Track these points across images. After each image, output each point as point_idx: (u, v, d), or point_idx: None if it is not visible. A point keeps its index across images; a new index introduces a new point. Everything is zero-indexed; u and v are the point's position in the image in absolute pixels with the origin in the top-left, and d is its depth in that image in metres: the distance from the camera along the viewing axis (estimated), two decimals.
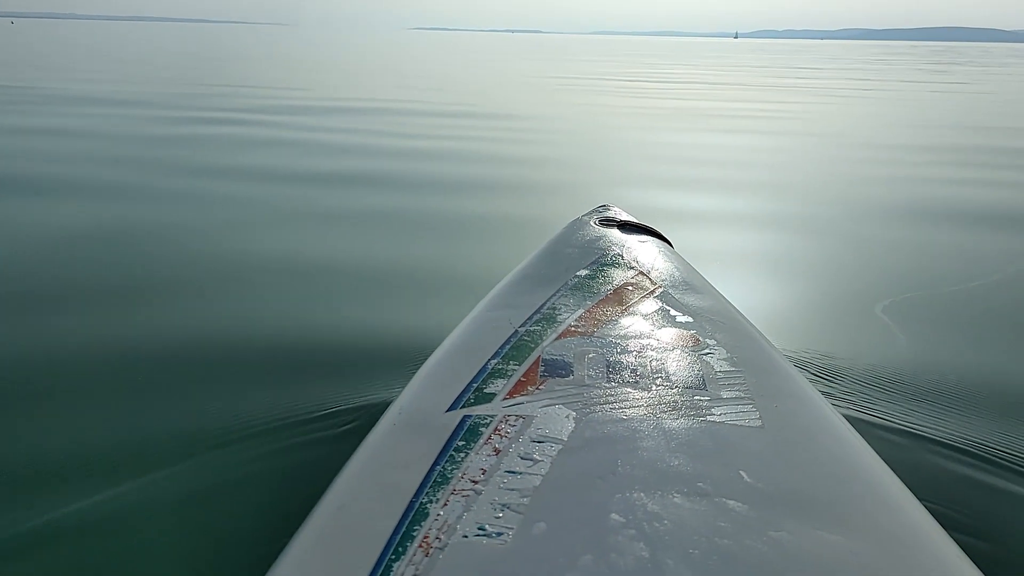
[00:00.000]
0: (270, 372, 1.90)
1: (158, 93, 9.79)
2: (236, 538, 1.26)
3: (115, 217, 3.56)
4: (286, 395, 1.73)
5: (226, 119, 7.18)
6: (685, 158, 5.69)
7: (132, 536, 1.29)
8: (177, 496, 1.37)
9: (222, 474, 1.43)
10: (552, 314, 1.33)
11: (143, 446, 1.54)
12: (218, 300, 2.50)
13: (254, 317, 2.33)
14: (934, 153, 6.22)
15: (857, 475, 0.94)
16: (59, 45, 25.64)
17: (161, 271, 2.78)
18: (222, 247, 3.11)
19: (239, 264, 2.89)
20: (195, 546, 1.26)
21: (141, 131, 6.34)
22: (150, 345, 2.08)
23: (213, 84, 11.41)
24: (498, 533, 0.76)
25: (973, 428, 1.65)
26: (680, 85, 13.98)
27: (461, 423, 0.97)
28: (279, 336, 2.16)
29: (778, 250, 3.29)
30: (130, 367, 1.95)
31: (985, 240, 3.46)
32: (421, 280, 2.73)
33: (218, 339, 2.12)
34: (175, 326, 2.23)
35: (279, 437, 1.54)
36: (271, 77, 13.39)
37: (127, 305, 2.41)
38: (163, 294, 2.53)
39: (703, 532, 0.76)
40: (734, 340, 1.27)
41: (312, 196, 4.13)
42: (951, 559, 0.80)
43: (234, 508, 1.34)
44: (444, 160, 5.32)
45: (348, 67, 17.55)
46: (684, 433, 0.95)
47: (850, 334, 2.28)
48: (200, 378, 1.87)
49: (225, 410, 1.67)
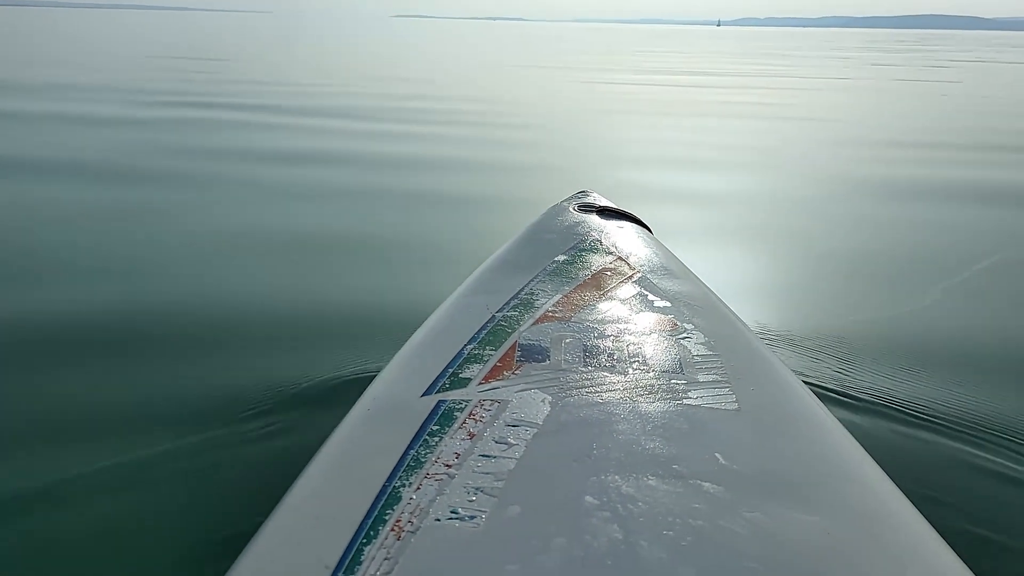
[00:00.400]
0: (241, 357, 1.89)
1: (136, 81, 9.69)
2: (207, 522, 1.26)
3: (103, 196, 3.57)
4: (259, 379, 1.72)
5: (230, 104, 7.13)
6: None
7: (95, 514, 1.29)
8: (147, 479, 1.37)
9: (194, 458, 1.42)
10: (530, 299, 1.33)
11: (112, 429, 1.54)
12: (193, 279, 2.50)
13: (230, 299, 2.33)
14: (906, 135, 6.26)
15: (832, 457, 0.94)
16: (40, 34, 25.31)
17: (138, 250, 2.78)
18: (205, 225, 3.11)
19: (218, 242, 2.91)
20: (166, 529, 1.25)
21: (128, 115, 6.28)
22: (120, 325, 2.08)
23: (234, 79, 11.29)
24: (471, 516, 0.75)
25: (949, 407, 1.66)
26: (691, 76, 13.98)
27: (436, 408, 0.96)
28: (254, 320, 2.15)
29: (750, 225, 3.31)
30: (96, 344, 1.95)
31: (964, 217, 3.51)
32: (399, 265, 2.73)
33: (194, 321, 2.12)
34: (151, 305, 2.23)
35: (253, 421, 1.54)
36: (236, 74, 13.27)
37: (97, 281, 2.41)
38: (133, 273, 2.53)
39: (677, 514, 0.75)
40: (711, 324, 1.27)
41: (290, 177, 4.14)
42: (924, 539, 0.80)
43: (206, 492, 1.34)
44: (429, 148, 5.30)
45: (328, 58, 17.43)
46: (660, 416, 0.95)
47: (830, 313, 2.29)
48: (172, 363, 1.86)
49: (197, 395, 1.66)
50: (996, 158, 5.34)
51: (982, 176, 4.68)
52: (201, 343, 2.00)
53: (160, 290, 2.41)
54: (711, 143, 5.81)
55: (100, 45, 18.86)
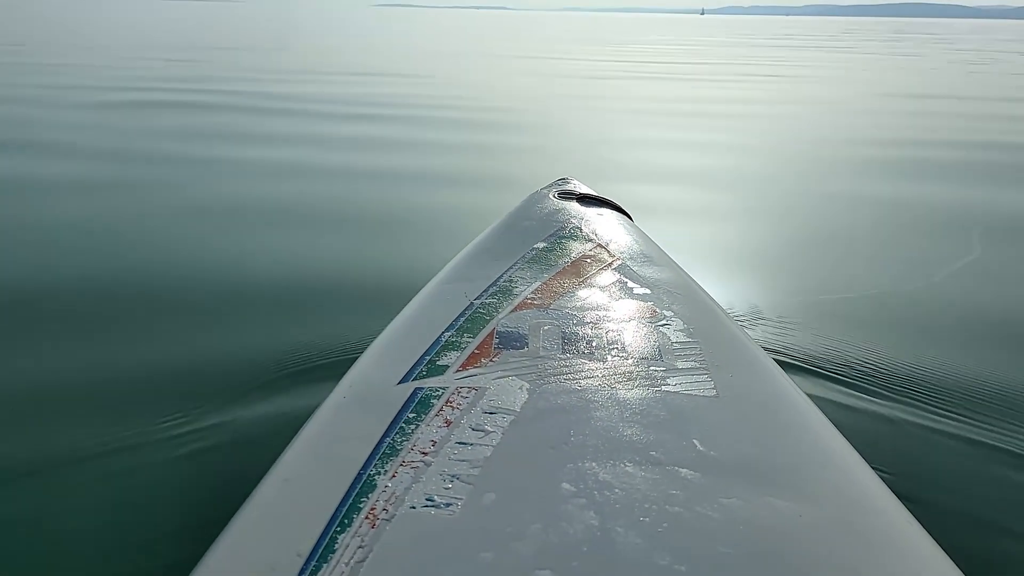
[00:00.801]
0: (216, 341, 1.87)
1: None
2: (179, 509, 1.25)
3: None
4: (235, 366, 1.71)
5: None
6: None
7: (60, 498, 1.28)
8: (118, 464, 1.35)
9: (166, 444, 1.41)
10: (508, 287, 1.32)
11: (83, 409, 1.54)
12: (173, 259, 2.48)
13: (208, 278, 2.32)
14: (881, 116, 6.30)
15: (810, 443, 0.94)
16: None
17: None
18: (185, 202, 3.09)
19: (198, 222, 2.91)
20: (137, 515, 1.24)
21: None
22: (99, 299, 2.08)
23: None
24: (447, 504, 0.75)
25: (928, 389, 1.67)
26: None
27: (412, 395, 0.95)
28: (229, 303, 2.14)
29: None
30: (71, 320, 1.95)
31: (939, 203, 3.55)
32: (376, 252, 2.71)
33: (167, 302, 2.11)
34: (128, 281, 2.22)
35: (228, 407, 1.52)
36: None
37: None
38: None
39: (654, 500, 0.75)
40: (691, 312, 1.27)
41: (267, 162, 4.13)
42: (900, 523, 0.80)
43: (178, 479, 1.32)
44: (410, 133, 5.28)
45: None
46: (638, 403, 0.95)
47: (805, 303, 2.30)
48: (146, 348, 1.84)
49: (175, 378, 1.64)
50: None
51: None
52: (172, 325, 1.99)
53: (136, 267, 2.40)
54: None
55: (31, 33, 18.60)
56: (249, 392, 1.59)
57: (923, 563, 0.74)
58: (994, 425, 1.55)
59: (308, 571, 0.67)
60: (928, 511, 1.23)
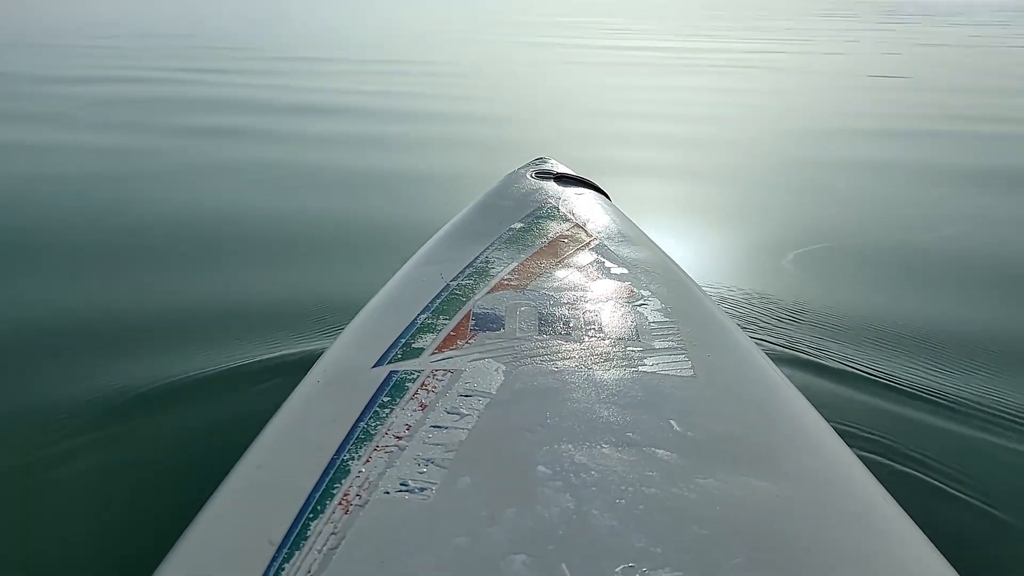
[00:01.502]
0: (192, 327, 1.85)
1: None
2: (150, 495, 1.23)
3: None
4: (208, 351, 1.69)
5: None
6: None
7: (37, 484, 1.27)
8: (93, 451, 1.34)
9: (142, 430, 1.39)
10: (485, 268, 1.31)
11: (57, 402, 1.51)
12: (143, 256, 2.45)
13: (178, 273, 2.28)
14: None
15: (787, 422, 0.94)
16: None
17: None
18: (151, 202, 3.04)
19: (160, 219, 2.85)
20: (108, 500, 1.23)
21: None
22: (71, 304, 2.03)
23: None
24: (421, 489, 0.74)
25: (902, 371, 1.68)
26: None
27: (387, 379, 0.94)
28: (204, 291, 2.11)
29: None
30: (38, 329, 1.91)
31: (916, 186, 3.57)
32: (353, 234, 2.69)
33: (144, 294, 2.08)
34: (105, 283, 2.18)
35: (199, 394, 1.51)
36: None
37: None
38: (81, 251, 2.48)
39: (631, 482, 0.75)
40: (669, 291, 1.26)
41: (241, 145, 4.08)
42: (877, 501, 0.80)
43: (152, 466, 1.31)
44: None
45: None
46: (615, 384, 0.94)
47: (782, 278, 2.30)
48: (122, 335, 1.81)
49: (145, 365, 1.62)
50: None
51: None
52: (143, 306, 1.97)
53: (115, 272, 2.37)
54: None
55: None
56: (222, 377, 1.57)
57: (899, 540, 0.74)
58: (973, 396, 1.56)
59: (280, 559, 0.66)
60: (904, 488, 1.25)
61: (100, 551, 1.12)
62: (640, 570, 0.64)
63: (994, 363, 1.73)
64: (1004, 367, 1.71)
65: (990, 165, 3.96)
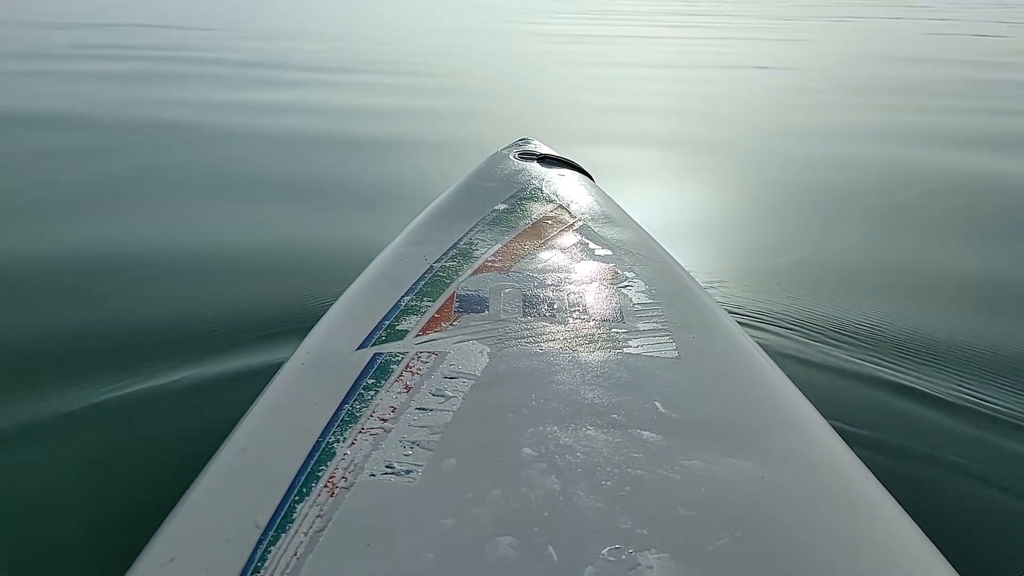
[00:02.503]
0: (172, 310, 1.83)
1: None
2: (135, 479, 1.22)
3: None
4: (190, 334, 1.67)
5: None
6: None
7: (20, 468, 1.26)
8: (76, 437, 1.32)
9: (122, 412, 1.38)
10: (468, 249, 1.30)
11: (37, 373, 1.50)
12: (120, 226, 2.43)
13: (159, 249, 2.25)
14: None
15: (771, 403, 0.95)
16: None
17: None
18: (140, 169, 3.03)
19: (155, 186, 2.84)
20: (93, 485, 1.21)
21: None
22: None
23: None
24: (407, 471, 0.74)
25: (885, 353, 1.69)
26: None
27: (371, 361, 0.94)
28: (190, 265, 2.10)
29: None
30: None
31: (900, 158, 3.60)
32: (334, 217, 2.67)
33: (123, 271, 2.06)
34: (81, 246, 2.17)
35: (185, 374, 1.49)
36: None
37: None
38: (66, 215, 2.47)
39: (616, 463, 0.75)
40: (653, 272, 1.26)
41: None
42: (860, 482, 0.81)
43: (135, 451, 1.29)
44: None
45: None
46: (600, 366, 0.94)
47: (764, 260, 2.31)
48: (99, 318, 1.80)
49: (128, 349, 1.61)
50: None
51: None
52: (130, 289, 1.95)
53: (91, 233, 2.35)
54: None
55: None
56: (206, 360, 1.55)
57: (883, 521, 0.75)
58: (952, 382, 1.57)
59: (266, 541, 0.65)
60: (887, 469, 1.26)
61: (84, 537, 1.12)
62: (626, 551, 0.64)
63: (972, 350, 1.74)
64: (982, 354, 1.72)
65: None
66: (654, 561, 0.63)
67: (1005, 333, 1.83)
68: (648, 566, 0.63)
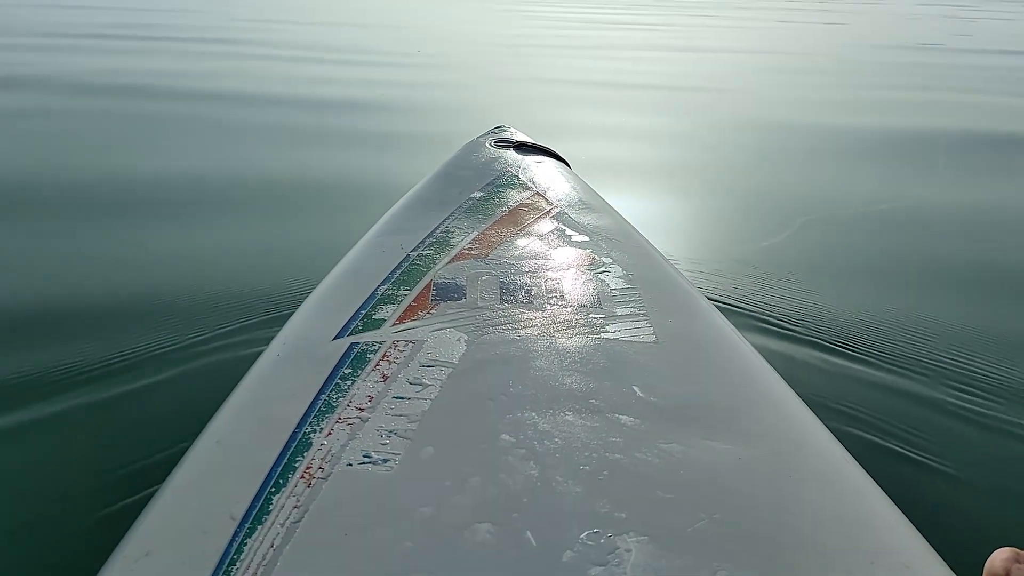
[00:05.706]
0: (149, 301, 1.81)
1: None
2: (109, 475, 1.20)
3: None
4: (165, 325, 1.65)
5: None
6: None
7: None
8: (51, 428, 1.31)
9: (99, 407, 1.36)
10: (445, 237, 1.30)
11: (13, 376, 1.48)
12: (96, 223, 2.39)
13: (131, 242, 2.23)
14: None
15: (748, 385, 0.95)
16: None
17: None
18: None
19: (118, 182, 2.79)
20: (69, 477, 1.20)
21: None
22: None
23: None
24: (384, 460, 0.73)
25: (864, 333, 1.71)
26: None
27: (348, 351, 0.93)
28: (159, 263, 2.07)
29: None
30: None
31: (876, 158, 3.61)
32: (309, 207, 2.64)
33: (96, 267, 2.03)
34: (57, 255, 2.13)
35: (160, 367, 1.47)
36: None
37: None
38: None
39: (594, 448, 0.75)
40: (630, 258, 1.27)
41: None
42: (836, 460, 0.82)
43: (110, 444, 1.28)
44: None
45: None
46: (577, 351, 0.94)
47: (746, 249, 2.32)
48: (78, 308, 1.77)
49: (103, 341, 1.58)
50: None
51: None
52: (102, 279, 1.94)
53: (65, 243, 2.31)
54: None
55: None
56: (182, 350, 1.53)
57: (859, 497, 0.75)
58: (925, 361, 1.59)
59: (242, 534, 0.65)
60: (863, 446, 1.28)
61: (60, 530, 1.10)
62: (604, 535, 0.64)
63: (948, 330, 1.76)
64: (957, 334, 1.74)
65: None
66: (632, 544, 0.63)
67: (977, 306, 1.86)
68: (627, 549, 0.63)
